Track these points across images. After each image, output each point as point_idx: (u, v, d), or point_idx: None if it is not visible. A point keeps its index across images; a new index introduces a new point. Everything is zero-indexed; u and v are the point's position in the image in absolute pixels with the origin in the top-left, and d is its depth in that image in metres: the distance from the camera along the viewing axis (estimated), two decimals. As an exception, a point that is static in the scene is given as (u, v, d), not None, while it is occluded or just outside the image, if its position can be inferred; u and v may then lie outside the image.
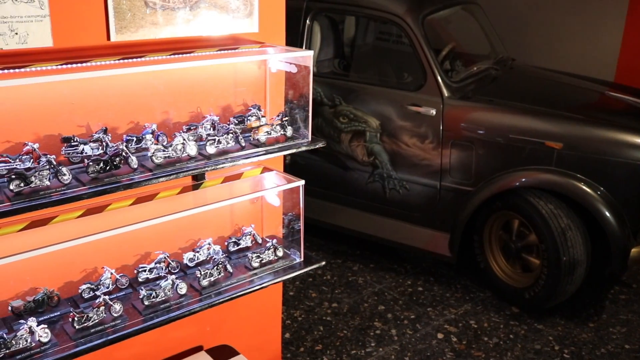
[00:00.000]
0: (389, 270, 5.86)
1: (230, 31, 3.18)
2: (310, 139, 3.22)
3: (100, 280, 2.98)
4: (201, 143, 2.94)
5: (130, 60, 2.76)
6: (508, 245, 5.31)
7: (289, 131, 3.18)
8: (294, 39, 5.66)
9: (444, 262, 5.87)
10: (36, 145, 2.63)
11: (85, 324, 2.79)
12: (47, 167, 2.54)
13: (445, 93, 5.26)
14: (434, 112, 5.25)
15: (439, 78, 5.27)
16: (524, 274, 5.29)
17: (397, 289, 5.54)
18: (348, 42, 6.52)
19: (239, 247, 3.40)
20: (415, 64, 5.38)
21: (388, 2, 5.49)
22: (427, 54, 5.29)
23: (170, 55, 2.88)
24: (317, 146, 3.22)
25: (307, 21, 5.78)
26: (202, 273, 3.08)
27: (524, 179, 4.98)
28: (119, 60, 2.74)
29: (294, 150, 3.15)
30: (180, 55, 2.90)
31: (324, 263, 3.45)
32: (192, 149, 2.86)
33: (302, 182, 3.28)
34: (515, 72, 6.19)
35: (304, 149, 3.18)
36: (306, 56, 3.15)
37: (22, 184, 2.49)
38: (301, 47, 5.75)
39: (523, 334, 4.95)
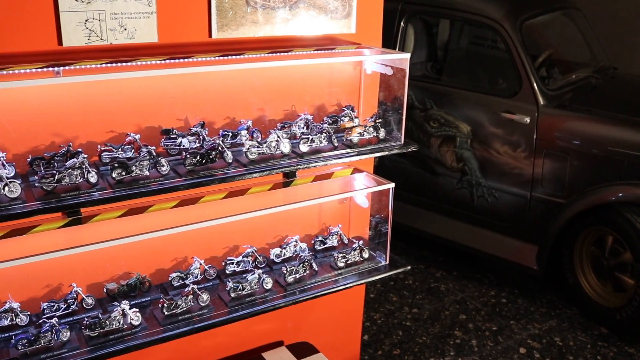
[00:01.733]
0: (472, 279, 5.74)
1: (327, 31, 3.20)
2: (402, 142, 3.20)
3: (190, 270, 3.07)
4: (294, 141, 2.98)
5: (230, 57, 2.83)
6: (600, 262, 5.07)
7: (382, 133, 3.17)
8: (387, 40, 5.63)
9: (529, 275, 5.68)
10: (137, 136, 2.74)
11: (174, 311, 2.88)
12: (148, 157, 2.64)
13: (541, 101, 5.09)
14: (527, 120, 5.09)
15: (534, 85, 5.11)
16: (616, 293, 5.04)
17: (479, 298, 5.42)
18: (441, 45, 6.42)
19: (325, 246, 3.42)
20: (511, 70, 5.24)
21: (485, 6, 5.37)
22: (524, 59, 5.13)
23: (268, 53, 2.93)
24: (409, 150, 3.19)
25: (402, 23, 5.74)
26: (288, 269, 3.12)
27: (620, 194, 4.74)
28: (219, 57, 2.81)
29: (386, 153, 3.14)
30: (278, 54, 2.94)
31: (409, 267, 3.42)
32: (285, 147, 2.90)
33: (392, 185, 3.26)
34: (617, 82, 5.91)
35: (396, 151, 3.16)
36: (403, 59, 3.13)
37: (123, 173, 2.60)
38: (394, 49, 5.71)
39: (612, 356, 4.72)
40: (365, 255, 3.37)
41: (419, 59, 6.14)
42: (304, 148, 2.95)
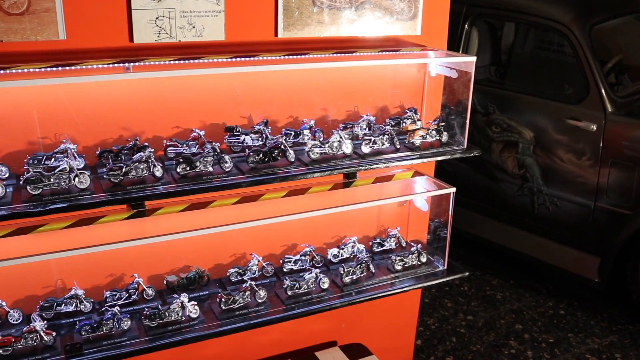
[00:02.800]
0: (530, 288, 5.61)
1: (392, 33, 3.18)
2: (465, 146, 3.15)
3: (248, 266, 3.10)
4: (356, 142, 2.98)
5: (295, 56, 2.85)
6: (667, 277, 4.88)
7: (445, 137, 3.13)
8: (450, 43, 5.54)
9: (590, 287, 5.51)
10: (202, 133, 2.79)
11: (231, 306, 2.92)
12: (212, 153, 2.68)
13: (609, 108, 4.92)
14: (594, 127, 4.94)
15: (603, 91, 4.95)
16: (683, 310, 4.84)
17: (537, 309, 5.29)
18: (506, 48, 6.30)
19: (383, 248, 3.40)
20: (578, 76, 5.09)
21: (553, 9, 5.24)
22: (592, 65, 4.98)
23: (333, 53, 2.93)
24: (472, 154, 3.14)
25: (466, 26, 5.66)
26: (345, 270, 3.12)
27: (692, 207, 4.55)
28: (284, 56, 2.83)
29: (448, 157, 3.10)
30: (343, 55, 2.94)
31: (467, 274, 3.37)
32: (347, 147, 2.90)
33: (453, 189, 3.22)
34: (691, 90, 5.67)
35: (458, 155, 3.12)
36: (468, 62, 3.08)
37: (188, 168, 2.65)
38: (458, 52, 5.64)
39: (677, 375, 4.55)
40: (423, 259, 3.34)
41: (483, 63, 6.04)
42: (365, 149, 2.94)
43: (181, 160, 2.64)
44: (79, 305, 2.85)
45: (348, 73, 3.09)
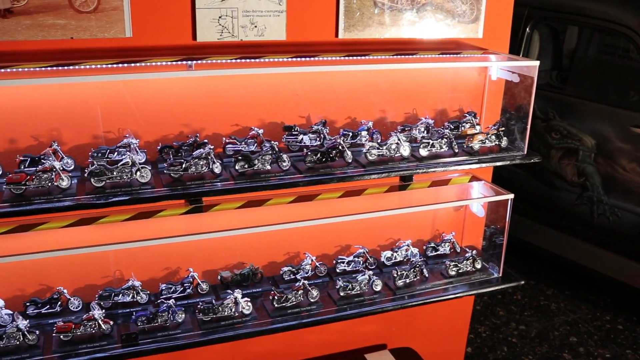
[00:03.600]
0: (586, 300, 5.46)
1: (453, 35, 3.14)
2: (525, 152, 3.09)
3: (301, 265, 3.12)
4: (414, 145, 2.95)
5: (355, 57, 2.84)
6: None
7: (504, 142, 3.08)
8: (511, 47, 5.45)
9: (650, 302, 5.33)
10: (261, 131, 2.81)
11: (284, 304, 2.93)
12: (270, 152, 2.70)
13: (677, 117, 4.75)
14: (660, 136, 4.77)
15: (670, 100, 4.78)
16: None
17: (593, 322, 5.14)
18: (568, 53, 6.15)
19: (437, 253, 3.37)
20: (645, 83, 4.93)
21: (620, 12, 5.08)
22: (660, 72, 4.82)
23: (393, 55, 2.92)
24: (532, 161, 3.08)
25: (527, 29, 5.55)
26: (399, 273, 3.09)
27: None
28: (344, 57, 2.83)
29: (507, 162, 3.04)
30: (404, 57, 2.92)
31: (523, 282, 3.30)
32: (405, 150, 2.88)
33: (512, 195, 3.16)
34: None
35: (518, 162, 3.06)
36: (531, 66, 3.02)
37: (246, 166, 2.68)
38: (518, 56, 5.53)
39: None
40: (478, 265, 3.29)
41: (544, 67, 5.91)
42: (423, 152, 2.92)
43: (240, 157, 2.67)
44: (135, 296, 2.91)
45: (408, 75, 3.07)
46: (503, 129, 3.10)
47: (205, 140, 2.73)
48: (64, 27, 2.57)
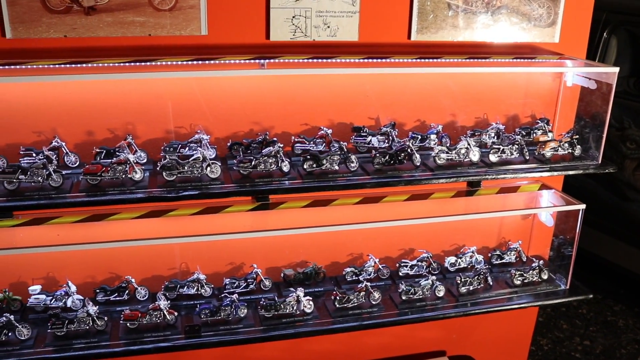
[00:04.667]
0: (656, 318, 5.24)
1: (528, 39, 3.07)
2: (599, 162, 2.99)
3: (364, 267, 3.11)
4: (484, 150, 2.90)
5: (427, 60, 2.81)
6: None
7: (577, 150, 2.99)
8: (587, 52, 5.29)
9: None
10: (330, 131, 2.82)
11: (345, 305, 2.93)
12: (338, 152, 2.71)
13: None
14: None
15: None
16: None
17: (663, 341, 4.94)
18: (646, 60, 5.92)
19: (502, 261, 3.30)
20: None
21: None
22: None
23: (466, 58, 2.87)
24: (607, 171, 2.98)
25: (604, 34, 5.36)
26: (462, 280, 3.05)
27: None
28: (416, 59, 2.80)
29: (580, 172, 2.95)
30: (477, 60, 2.88)
31: (591, 296, 3.20)
32: (475, 155, 2.83)
33: (583, 206, 3.06)
34: None
35: (591, 171, 2.96)
36: (610, 72, 2.92)
37: (314, 165, 2.69)
38: (594, 61, 5.35)
39: None
40: (544, 276, 3.20)
41: (620, 74, 5.68)
42: (493, 158, 2.86)
43: (308, 157, 2.68)
44: (200, 289, 2.97)
45: (480, 79, 3.02)
46: (577, 137, 3.01)
47: (275, 139, 2.76)
48: (143, 25, 2.65)
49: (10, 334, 2.68)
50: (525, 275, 3.16)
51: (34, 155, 2.61)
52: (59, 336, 2.72)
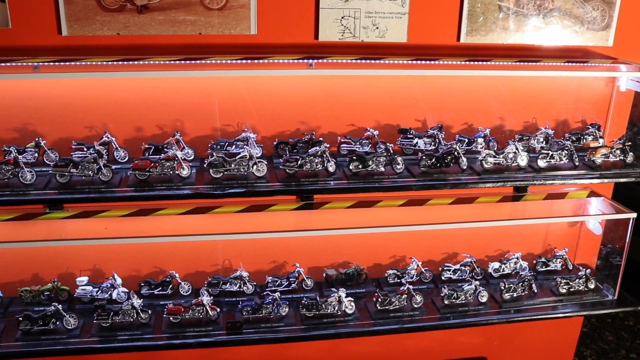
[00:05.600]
0: None
1: (580, 43, 3.01)
2: (652, 169, 2.92)
3: (406, 270, 3.09)
4: (532, 155, 2.85)
5: (476, 62, 2.78)
6: None
7: (630, 157, 2.91)
8: None
9: None
10: (376, 132, 2.81)
11: (387, 307, 2.92)
12: (385, 154, 2.70)
13: None
14: None
15: None
16: None
17: None
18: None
19: (547, 268, 3.24)
20: None
21: None
22: None
23: (516, 62, 2.83)
24: (659, 178, 2.90)
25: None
26: (506, 286, 3.00)
27: None
28: (465, 61, 2.77)
29: (632, 179, 2.87)
30: (527, 63, 2.83)
31: (640, 308, 3.12)
32: (523, 160, 2.79)
33: (634, 215, 2.98)
34: None
35: (645, 179, 2.89)
36: (666, 78, 2.84)
37: (360, 166, 2.68)
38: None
39: None
40: (591, 285, 3.13)
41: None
42: (542, 163, 2.81)
43: (354, 157, 2.68)
44: (242, 286, 2.99)
45: (530, 83, 2.97)
46: (629, 143, 2.94)
47: (321, 139, 2.76)
48: (194, 23, 2.68)
49: (58, 322, 2.75)
50: (571, 283, 3.10)
51: (85, 149, 2.68)
52: (104, 327, 2.77)
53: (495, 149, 2.84)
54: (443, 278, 3.12)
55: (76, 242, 2.93)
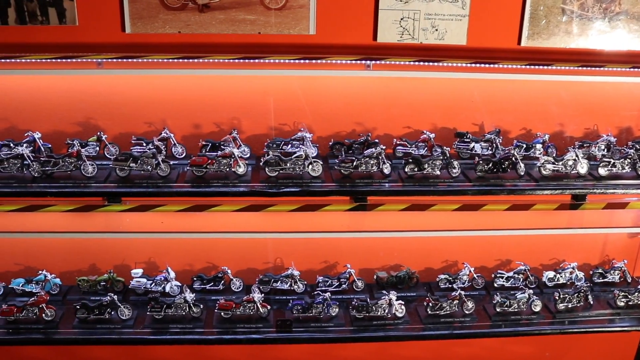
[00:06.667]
0: None
1: (648, 47, 2.92)
2: None
3: (458, 275, 3.05)
4: (592, 163, 2.78)
5: (537, 67, 2.72)
6: None
7: (697, 168, 2.81)
8: None
9: None
10: (432, 135, 2.79)
11: (437, 312, 2.89)
12: (441, 157, 2.67)
13: None
14: None
15: None
16: None
17: None
18: None
19: (605, 280, 3.15)
20: None
21: None
22: None
23: (579, 66, 2.76)
24: None
25: None
26: (561, 296, 2.93)
27: None
28: (526, 65, 2.72)
29: (698, 191, 2.78)
30: (590, 69, 2.76)
31: (702, 325, 3.00)
32: (583, 167, 2.72)
33: (698, 227, 2.89)
34: None
35: None
36: None
37: (416, 169, 2.66)
38: None
39: None
40: (651, 299, 3.04)
41: None
42: (602, 172, 2.74)
43: (410, 160, 2.66)
44: (293, 284, 3.01)
45: (592, 88, 2.90)
46: (697, 153, 2.83)
47: (377, 140, 2.76)
48: (253, 23, 2.71)
49: (112, 312, 2.82)
50: (629, 296, 3.00)
51: (144, 144, 2.74)
52: (157, 319, 2.83)
53: (554, 155, 2.78)
54: (495, 285, 3.07)
55: (133, 235, 3.00)
